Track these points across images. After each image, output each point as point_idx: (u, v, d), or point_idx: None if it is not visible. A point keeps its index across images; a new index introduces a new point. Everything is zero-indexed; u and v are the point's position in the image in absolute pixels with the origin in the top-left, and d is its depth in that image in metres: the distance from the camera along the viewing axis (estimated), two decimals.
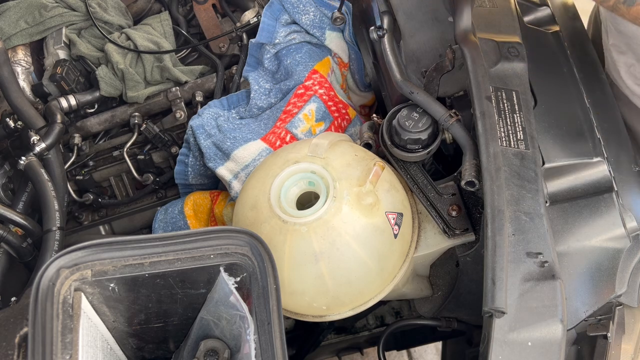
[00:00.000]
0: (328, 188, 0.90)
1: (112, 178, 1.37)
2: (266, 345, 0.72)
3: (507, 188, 0.88)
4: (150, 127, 1.32)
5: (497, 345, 0.83)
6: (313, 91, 1.18)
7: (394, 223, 0.92)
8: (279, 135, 1.16)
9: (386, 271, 0.95)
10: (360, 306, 0.97)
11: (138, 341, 0.89)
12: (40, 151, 1.20)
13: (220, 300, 0.78)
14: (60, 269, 0.72)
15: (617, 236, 0.97)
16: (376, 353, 1.28)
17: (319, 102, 1.17)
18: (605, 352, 0.92)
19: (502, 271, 0.82)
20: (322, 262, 0.88)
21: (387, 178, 0.95)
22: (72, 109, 1.32)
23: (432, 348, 2.19)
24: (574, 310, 0.93)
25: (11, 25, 1.34)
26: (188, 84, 1.35)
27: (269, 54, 1.26)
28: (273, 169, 0.94)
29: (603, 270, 0.96)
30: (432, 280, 1.15)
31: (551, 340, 0.84)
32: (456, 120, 0.99)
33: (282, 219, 0.88)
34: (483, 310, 0.83)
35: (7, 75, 1.25)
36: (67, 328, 0.70)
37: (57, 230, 1.14)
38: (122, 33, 1.38)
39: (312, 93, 1.18)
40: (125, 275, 0.74)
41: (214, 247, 0.76)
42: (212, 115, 1.21)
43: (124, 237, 0.75)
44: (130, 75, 1.31)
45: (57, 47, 1.37)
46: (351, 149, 0.98)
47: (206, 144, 1.17)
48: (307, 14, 1.23)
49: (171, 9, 1.47)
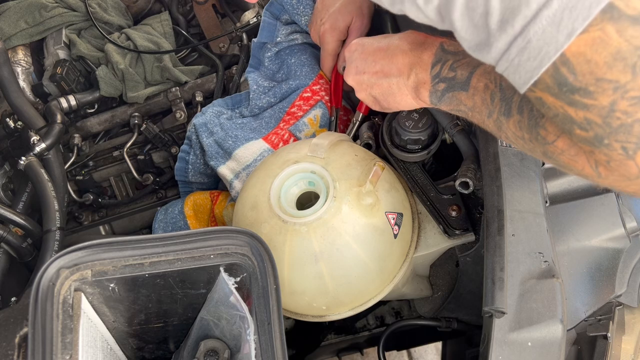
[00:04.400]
0: (328, 188, 0.90)
1: (112, 178, 1.37)
2: (266, 345, 0.72)
3: (507, 188, 0.88)
4: (150, 127, 1.32)
5: (497, 345, 0.83)
6: (320, 96, 1.18)
7: (394, 223, 0.92)
8: (282, 137, 1.16)
9: (386, 271, 0.95)
10: (360, 306, 0.97)
11: (138, 341, 0.89)
12: (40, 151, 1.19)
13: (220, 300, 0.78)
14: (60, 269, 0.72)
15: (617, 236, 0.97)
16: (376, 353, 1.28)
17: (324, 109, 1.17)
18: (605, 352, 0.92)
19: (502, 271, 0.82)
20: (322, 262, 0.88)
21: (387, 178, 0.95)
22: (72, 109, 1.32)
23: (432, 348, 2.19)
24: (574, 310, 0.93)
25: (11, 26, 1.34)
26: (188, 84, 1.35)
27: (270, 52, 1.26)
28: (273, 169, 0.94)
29: (603, 270, 0.96)
30: (432, 280, 1.15)
31: (551, 341, 0.84)
32: (461, 129, 0.99)
33: (282, 219, 0.88)
34: (483, 310, 0.83)
35: (7, 75, 1.25)
36: (67, 328, 0.70)
37: (57, 230, 1.14)
38: (122, 33, 1.38)
39: (319, 98, 1.18)
40: (125, 276, 0.74)
41: (214, 247, 0.76)
42: (215, 113, 1.21)
43: (124, 237, 0.75)
44: (130, 76, 1.31)
45: (57, 47, 1.37)
46: (351, 149, 0.98)
47: (208, 142, 1.17)
48: (307, 15, 1.23)
49: (171, 9, 1.47)
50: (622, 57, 0.54)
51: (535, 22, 0.55)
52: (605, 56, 0.54)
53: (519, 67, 0.60)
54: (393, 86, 0.90)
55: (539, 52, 0.57)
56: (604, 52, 0.54)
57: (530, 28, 0.56)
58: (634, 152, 0.58)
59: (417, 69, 0.86)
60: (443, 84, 0.83)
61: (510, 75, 0.62)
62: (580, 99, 0.58)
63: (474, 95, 0.79)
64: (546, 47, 0.56)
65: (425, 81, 0.85)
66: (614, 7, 0.52)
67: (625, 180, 0.62)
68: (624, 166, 0.60)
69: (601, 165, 0.63)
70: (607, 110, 0.57)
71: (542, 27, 0.55)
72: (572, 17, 0.53)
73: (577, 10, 0.53)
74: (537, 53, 0.57)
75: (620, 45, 0.54)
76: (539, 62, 0.57)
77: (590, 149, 0.62)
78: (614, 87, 0.55)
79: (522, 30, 0.56)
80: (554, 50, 0.56)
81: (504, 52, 0.60)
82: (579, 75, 0.56)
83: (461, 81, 0.80)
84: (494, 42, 0.60)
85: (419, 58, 0.86)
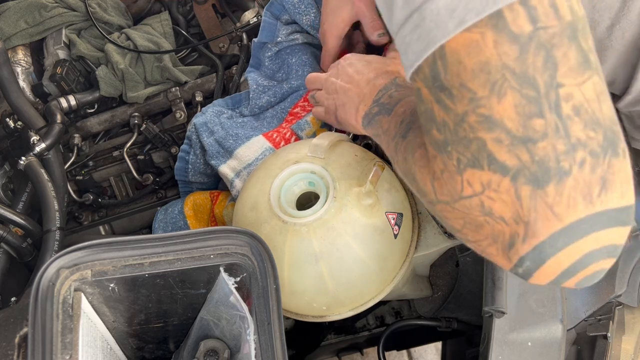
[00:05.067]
0: (328, 188, 0.90)
1: (112, 178, 1.37)
2: (266, 345, 0.72)
3: None
4: (150, 127, 1.32)
5: (497, 345, 0.83)
6: None
7: (394, 223, 0.92)
8: (283, 136, 1.16)
9: (386, 271, 0.95)
10: (361, 306, 0.97)
11: (138, 341, 0.89)
12: (40, 151, 1.19)
13: (220, 300, 0.78)
14: (60, 269, 0.72)
15: None
16: (376, 353, 1.28)
17: None
18: (605, 352, 0.92)
19: (502, 271, 0.82)
20: (322, 263, 0.88)
21: (387, 178, 0.95)
22: (72, 109, 1.32)
23: (432, 348, 2.20)
24: (574, 310, 0.93)
25: (11, 26, 1.34)
26: (188, 84, 1.35)
27: (270, 52, 1.26)
28: (273, 169, 0.94)
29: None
30: (432, 281, 1.15)
31: (551, 340, 0.84)
32: None
33: (282, 219, 0.88)
34: (483, 310, 0.83)
35: (7, 75, 1.25)
36: (67, 328, 0.70)
37: (57, 230, 1.14)
38: (122, 33, 1.38)
39: None
40: (125, 275, 0.74)
41: (214, 247, 0.76)
42: (215, 113, 1.21)
43: (124, 237, 0.75)
44: (130, 76, 1.31)
45: (57, 47, 1.37)
46: (351, 149, 0.98)
47: (209, 142, 1.17)
48: (308, 15, 1.23)
49: (171, 9, 1.47)
50: (487, 69, 0.52)
51: (434, 0, 0.53)
52: (474, 63, 0.52)
53: (409, 47, 0.57)
54: (347, 104, 0.95)
55: (428, 34, 0.54)
56: (475, 58, 0.52)
57: (428, 5, 0.53)
58: (464, 167, 0.56)
59: (368, 93, 0.89)
60: (377, 107, 0.85)
61: (402, 55, 0.59)
62: (444, 98, 0.55)
63: (392, 118, 0.79)
64: (435, 31, 0.53)
65: (367, 103, 0.88)
66: (501, 17, 0.50)
67: (450, 203, 0.59)
68: (453, 180, 0.57)
69: (436, 179, 0.60)
70: (459, 119, 0.54)
71: (437, 8, 0.52)
72: (467, 8, 0.51)
73: (473, 3, 0.51)
74: (426, 34, 0.54)
75: (490, 57, 0.51)
76: (426, 45, 0.54)
77: (434, 154, 0.60)
78: (471, 97, 0.53)
79: (420, 4, 0.54)
80: (441, 35, 0.53)
81: (400, 26, 0.57)
82: (449, 74, 0.54)
83: (389, 106, 0.82)
84: (395, 10, 0.57)
85: (373, 86, 0.89)
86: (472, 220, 0.58)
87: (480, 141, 0.54)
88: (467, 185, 0.56)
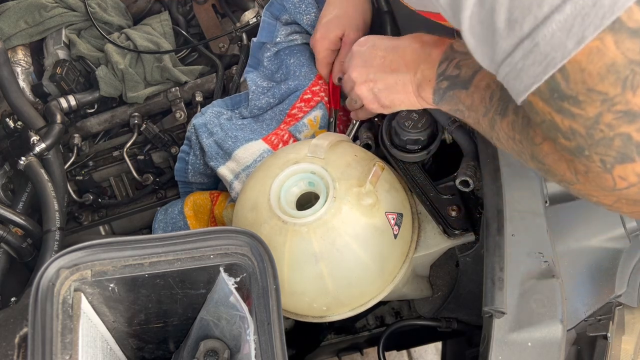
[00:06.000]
0: (328, 188, 0.90)
1: (112, 178, 1.37)
2: (266, 345, 0.72)
3: (507, 188, 0.88)
4: (150, 127, 1.32)
5: (497, 346, 0.83)
6: (320, 97, 1.18)
7: (394, 223, 0.92)
8: (281, 138, 1.16)
9: (386, 271, 0.95)
10: (361, 306, 0.97)
11: (138, 341, 0.89)
12: (40, 151, 1.19)
13: (220, 300, 0.78)
14: (60, 269, 0.72)
15: (617, 236, 0.97)
16: (376, 353, 1.28)
17: (324, 110, 1.17)
18: (605, 352, 0.92)
19: (502, 271, 0.82)
20: (322, 263, 0.88)
21: (387, 178, 0.95)
22: (72, 109, 1.32)
23: (432, 348, 2.19)
24: (574, 310, 0.93)
25: (11, 26, 1.34)
26: (188, 84, 1.35)
27: (269, 52, 1.26)
28: (273, 170, 0.94)
29: (603, 270, 0.96)
30: (432, 281, 1.15)
31: (551, 341, 0.84)
32: (460, 125, 0.99)
33: (282, 220, 0.88)
34: (483, 310, 0.83)
35: (7, 76, 1.25)
36: (67, 328, 0.70)
37: (57, 230, 1.14)
38: (122, 33, 1.38)
39: (319, 99, 1.18)
40: (125, 276, 0.74)
41: (214, 247, 0.76)
42: (215, 113, 1.21)
43: (124, 237, 0.75)
44: (130, 76, 1.31)
45: (57, 47, 1.37)
46: (351, 149, 0.98)
47: (208, 143, 1.17)
48: (309, 14, 1.23)
49: (171, 9, 1.47)
50: (615, 69, 0.53)
51: (545, 25, 0.53)
52: (599, 67, 0.53)
53: (521, 72, 0.58)
54: (398, 82, 0.91)
55: (545, 57, 0.55)
56: (599, 62, 0.53)
57: (539, 31, 0.54)
58: (612, 165, 0.57)
59: (425, 66, 0.86)
60: (446, 81, 0.83)
61: (510, 80, 0.60)
62: (568, 107, 0.57)
63: (474, 93, 0.78)
64: (553, 53, 0.54)
65: (430, 78, 0.86)
66: (617, 20, 0.51)
67: (601, 191, 0.61)
68: (601, 178, 0.59)
69: (580, 174, 0.62)
70: (591, 122, 0.56)
71: (551, 31, 0.53)
72: (583, 25, 0.52)
73: (590, 18, 0.51)
74: (542, 58, 0.55)
75: (615, 58, 0.52)
76: (544, 68, 0.56)
77: (570, 158, 0.61)
78: (603, 99, 0.54)
79: (530, 32, 0.55)
80: (561, 56, 0.54)
81: (508, 55, 0.58)
82: (571, 83, 0.55)
83: (464, 79, 0.80)
84: (500, 41, 0.58)
85: (428, 55, 0.87)
86: (629, 199, 0.60)
87: (623, 136, 0.55)
88: (620, 179, 0.58)
